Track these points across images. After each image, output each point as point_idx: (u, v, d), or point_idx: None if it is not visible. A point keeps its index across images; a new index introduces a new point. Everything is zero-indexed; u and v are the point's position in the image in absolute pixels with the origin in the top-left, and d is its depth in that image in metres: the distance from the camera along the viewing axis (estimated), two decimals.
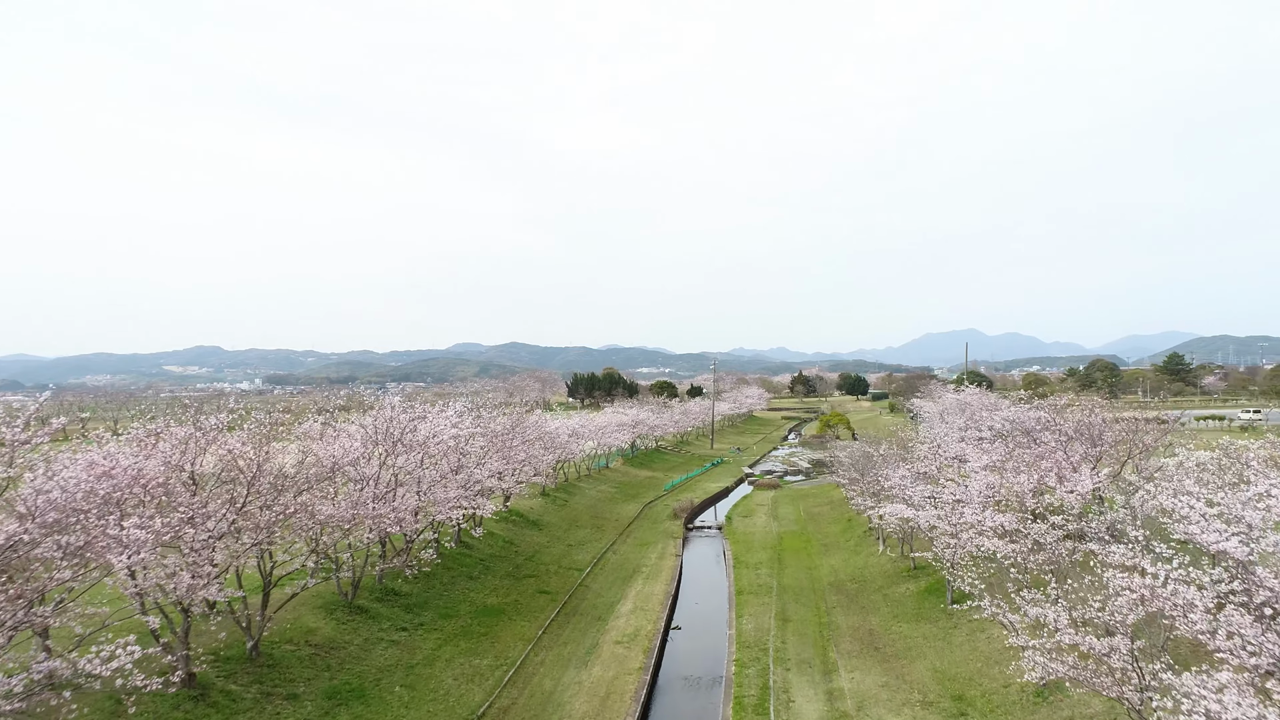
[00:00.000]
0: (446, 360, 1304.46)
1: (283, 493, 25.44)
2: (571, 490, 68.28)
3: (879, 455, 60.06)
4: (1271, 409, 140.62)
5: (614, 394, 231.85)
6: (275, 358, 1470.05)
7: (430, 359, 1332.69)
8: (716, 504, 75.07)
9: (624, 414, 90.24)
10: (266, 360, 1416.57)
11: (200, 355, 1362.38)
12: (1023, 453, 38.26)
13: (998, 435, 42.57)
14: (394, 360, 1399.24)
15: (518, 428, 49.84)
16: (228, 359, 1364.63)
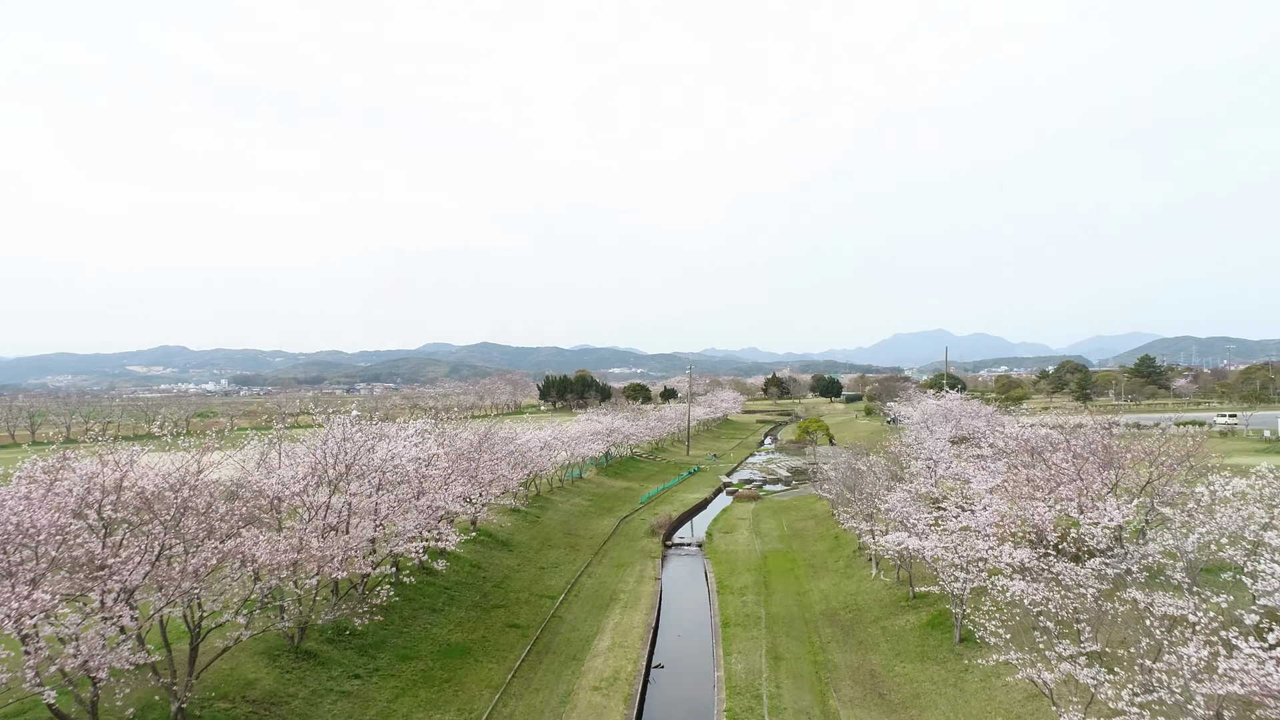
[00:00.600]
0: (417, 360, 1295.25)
1: (211, 535, 22.04)
2: (544, 504, 64.97)
3: (868, 469, 57.56)
4: (1244, 411, 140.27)
5: (586, 397, 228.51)
6: (242, 358, 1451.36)
7: (400, 359, 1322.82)
8: (696, 516, 72.11)
9: (598, 422, 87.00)
10: (233, 360, 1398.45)
11: (165, 355, 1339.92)
12: (1031, 474, 35.68)
13: (1000, 453, 39.89)
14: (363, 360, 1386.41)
15: (485, 443, 46.35)
16: (193, 359, 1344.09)
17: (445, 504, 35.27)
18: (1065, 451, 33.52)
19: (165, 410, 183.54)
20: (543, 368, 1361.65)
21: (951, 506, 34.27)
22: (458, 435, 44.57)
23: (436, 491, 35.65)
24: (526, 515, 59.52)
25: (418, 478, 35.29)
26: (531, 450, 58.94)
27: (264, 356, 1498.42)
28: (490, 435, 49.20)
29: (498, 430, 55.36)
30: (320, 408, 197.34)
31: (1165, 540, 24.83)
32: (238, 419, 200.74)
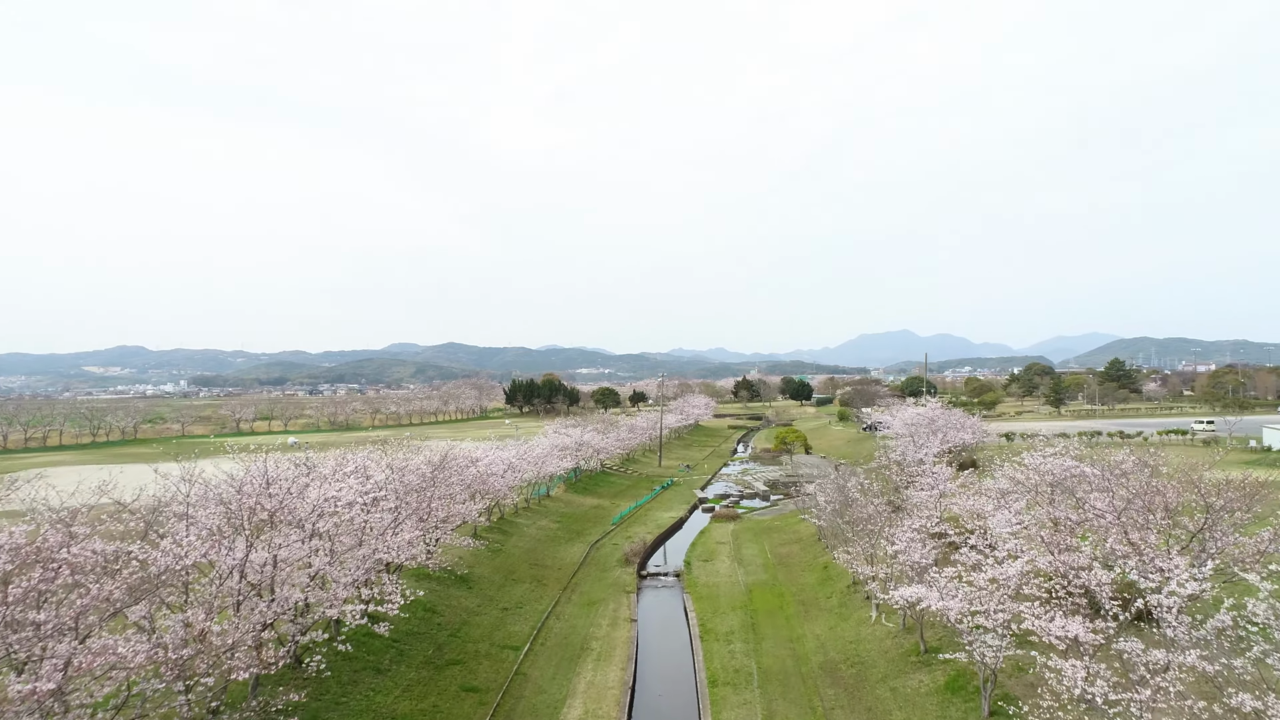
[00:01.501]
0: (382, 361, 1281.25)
1: (66, 632, 17.04)
2: (507, 528, 60.04)
3: (861, 494, 53.37)
4: (1220, 417, 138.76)
5: (554, 402, 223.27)
6: (202, 358, 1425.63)
7: (365, 359, 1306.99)
8: (672, 538, 67.60)
9: (566, 435, 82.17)
10: (193, 360, 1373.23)
11: (122, 355, 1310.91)
12: (1056, 513, 31.58)
13: (1016, 485, 35.76)
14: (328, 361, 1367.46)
15: (439, 474, 41.30)
16: (152, 359, 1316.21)
17: (391, 554, 30.18)
18: (1104, 492, 29.39)
19: (111, 417, 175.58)
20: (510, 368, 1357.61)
21: (968, 550, 30.06)
22: (407, 467, 39.20)
23: (380, 539, 30.53)
24: (489, 542, 54.48)
25: (359, 525, 30.20)
26: (494, 475, 53.93)
27: (225, 357, 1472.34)
28: (446, 464, 43.98)
29: (455, 454, 50.24)
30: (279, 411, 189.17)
31: (1259, 615, 20.66)
32: (190, 425, 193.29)
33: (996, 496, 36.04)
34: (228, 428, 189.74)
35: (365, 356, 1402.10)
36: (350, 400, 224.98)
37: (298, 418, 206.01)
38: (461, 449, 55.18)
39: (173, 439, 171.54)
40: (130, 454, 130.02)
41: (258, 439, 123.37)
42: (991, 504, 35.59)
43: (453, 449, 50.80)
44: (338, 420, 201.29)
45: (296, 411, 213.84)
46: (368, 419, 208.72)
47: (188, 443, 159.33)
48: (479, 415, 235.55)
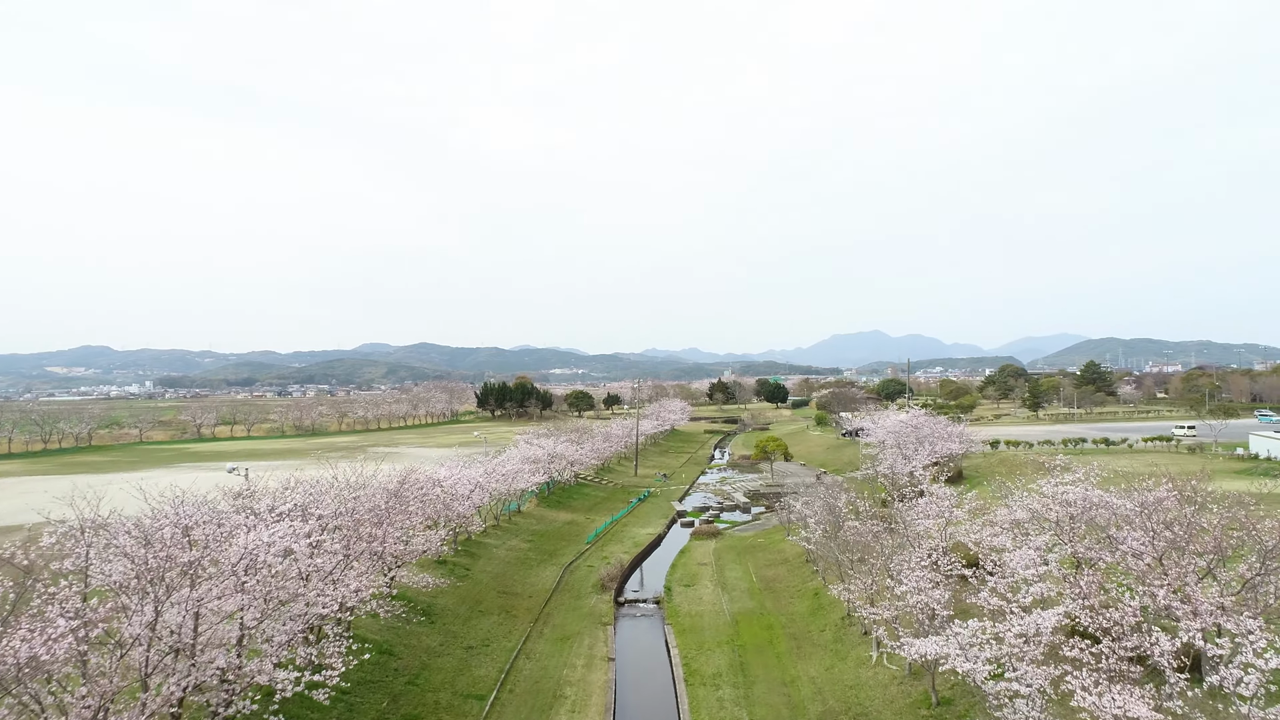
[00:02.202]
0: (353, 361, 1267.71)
1: None
2: (475, 550, 56.10)
3: (848, 509, 50.16)
4: (1202, 421, 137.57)
5: (527, 405, 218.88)
6: (169, 358, 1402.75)
7: (336, 360, 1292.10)
8: (650, 557, 64.04)
9: (538, 447, 78.24)
10: (160, 361, 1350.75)
11: (87, 356, 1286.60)
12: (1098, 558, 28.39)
13: (1035, 517, 32.50)
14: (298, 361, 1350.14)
15: (396, 503, 37.27)
16: (117, 359, 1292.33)
17: (333, 607, 26.11)
18: (1142, 530, 26.16)
19: (66, 423, 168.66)
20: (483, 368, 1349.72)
21: (988, 594, 26.79)
22: (359, 496, 35.04)
23: (324, 585, 26.53)
24: (454, 567, 50.59)
25: (299, 572, 26.19)
26: (459, 498, 49.90)
27: (192, 357, 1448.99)
28: (404, 492, 39.84)
29: (416, 476, 46.16)
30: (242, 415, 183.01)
31: None
32: (149, 430, 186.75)
33: (1011, 527, 32.82)
34: (188, 433, 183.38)
35: (336, 357, 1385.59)
36: (316, 404, 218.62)
37: (262, 422, 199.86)
38: (424, 471, 51.05)
39: (130, 445, 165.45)
40: (82, 463, 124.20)
41: (190, 474, 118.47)
42: (1008, 537, 32.37)
43: (413, 472, 46.59)
44: (303, 425, 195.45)
45: (261, 416, 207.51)
46: (334, 424, 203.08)
47: (145, 450, 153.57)
48: (450, 419, 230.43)
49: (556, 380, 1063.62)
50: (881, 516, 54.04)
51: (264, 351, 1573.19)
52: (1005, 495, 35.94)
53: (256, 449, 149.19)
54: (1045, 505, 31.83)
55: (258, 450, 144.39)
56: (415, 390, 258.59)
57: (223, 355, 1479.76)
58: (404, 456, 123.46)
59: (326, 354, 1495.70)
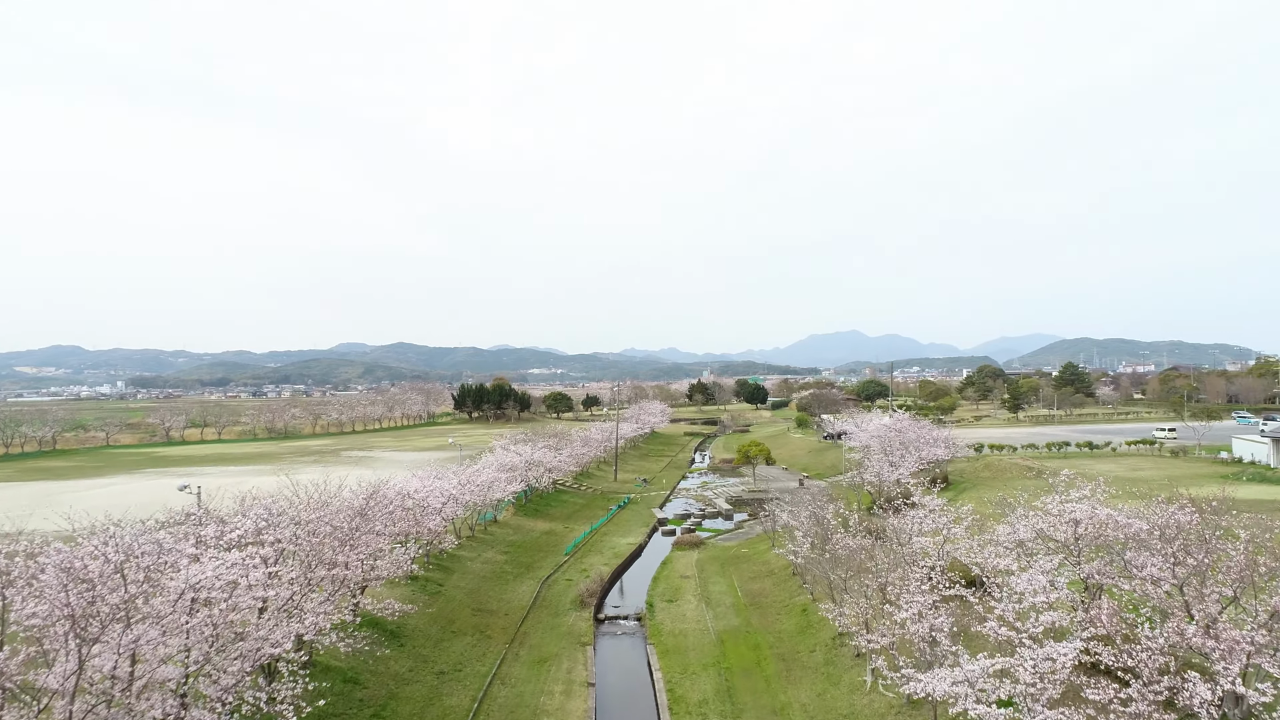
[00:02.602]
0: (330, 361, 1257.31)
1: None
2: (448, 564, 53.73)
3: (835, 519, 48.43)
4: (1180, 423, 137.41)
5: (504, 407, 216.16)
6: (142, 358, 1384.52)
7: (312, 360, 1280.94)
8: (631, 568, 62.03)
9: (515, 454, 75.91)
10: (132, 361, 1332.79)
11: (58, 355, 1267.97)
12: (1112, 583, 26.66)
13: (1040, 538, 30.72)
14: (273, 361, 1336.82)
15: (364, 518, 34.88)
16: (89, 359, 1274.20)
17: (285, 644, 23.73)
18: (1164, 557, 24.39)
19: (29, 426, 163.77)
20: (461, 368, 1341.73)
21: (995, 623, 24.95)
22: (320, 518, 32.53)
23: (276, 623, 24.20)
24: (426, 584, 48.26)
25: (249, 605, 23.83)
26: (431, 512, 47.54)
27: (166, 357, 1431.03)
28: (370, 510, 37.38)
29: (385, 491, 43.77)
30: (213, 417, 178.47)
31: None
32: (117, 434, 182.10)
33: (1015, 547, 31.03)
34: (157, 436, 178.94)
35: (312, 357, 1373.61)
36: (289, 406, 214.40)
37: (233, 424, 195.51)
38: (394, 484, 48.67)
39: (96, 449, 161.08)
40: (43, 469, 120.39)
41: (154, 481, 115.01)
42: (1010, 557, 30.58)
43: (382, 486, 44.23)
44: (276, 428, 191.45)
45: (232, 418, 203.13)
46: (308, 426, 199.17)
47: (110, 454, 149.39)
48: (426, 421, 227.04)
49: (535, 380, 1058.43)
50: (871, 529, 52.36)
51: (239, 351, 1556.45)
52: (1006, 511, 34.06)
53: (226, 453, 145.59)
54: (1052, 524, 30.06)
55: (227, 454, 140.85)
56: (391, 392, 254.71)
57: (197, 355, 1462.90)
58: (377, 461, 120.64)
59: (303, 354, 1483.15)
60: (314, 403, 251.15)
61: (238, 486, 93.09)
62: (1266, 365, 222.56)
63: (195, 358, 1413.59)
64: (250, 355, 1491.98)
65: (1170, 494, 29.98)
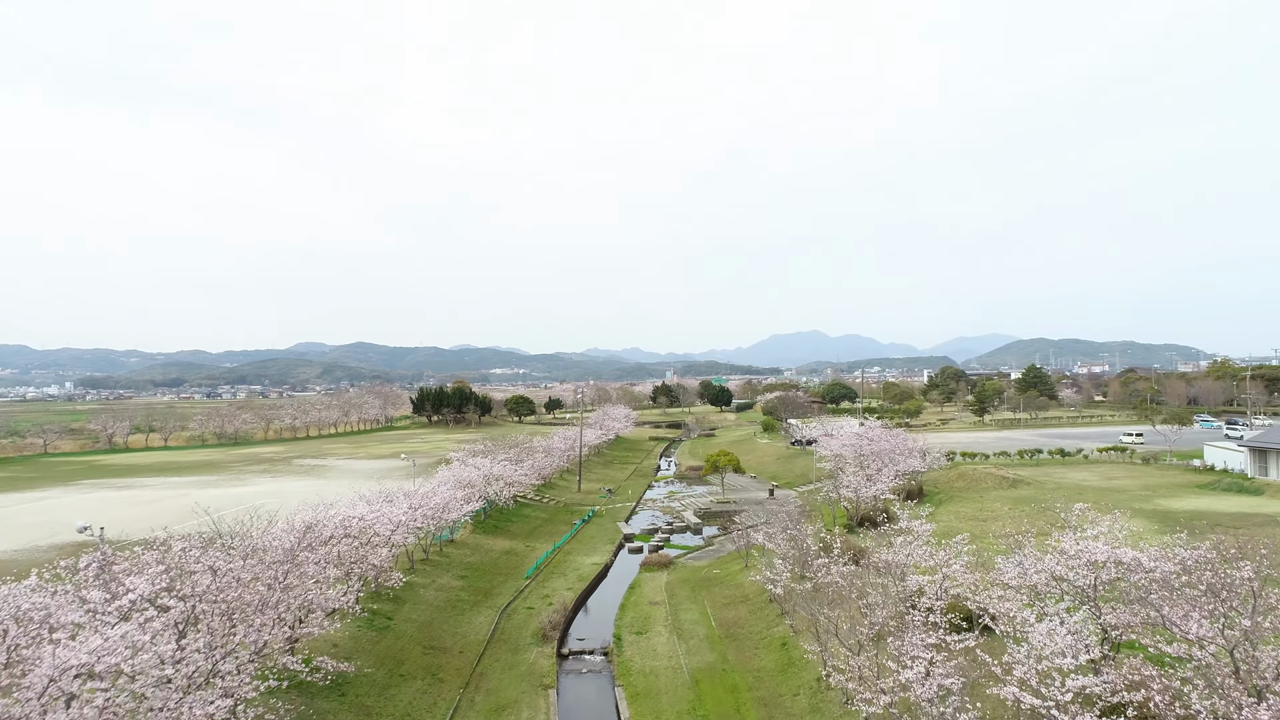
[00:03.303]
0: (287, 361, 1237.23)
1: None
2: (399, 593, 49.48)
3: (811, 542, 45.47)
4: (1144, 427, 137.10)
5: (465, 411, 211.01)
6: (92, 358, 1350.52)
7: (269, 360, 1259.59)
8: (597, 591, 58.45)
9: (474, 469, 71.79)
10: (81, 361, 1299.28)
11: (3, 355, 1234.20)
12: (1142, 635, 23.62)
13: (1057, 578, 27.63)
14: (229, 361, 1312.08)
15: (295, 565, 30.74)
16: (36, 359, 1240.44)
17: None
18: (1205, 611, 21.34)
19: None
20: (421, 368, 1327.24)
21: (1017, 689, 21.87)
22: (242, 565, 28.25)
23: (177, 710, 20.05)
24: (373, 618, 44.13)
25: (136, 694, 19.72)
26: (378, 541, 43.41)
27: (117, 357, 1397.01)
28: (307, 545, 33.22)
29: (324, 525, 39.56)
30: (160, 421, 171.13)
31: None
32: (56, 440, 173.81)
33: (1026, 591, 27.94)
34: (100, 443, 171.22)
35: (269, 357, 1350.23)
36: (240, 410, 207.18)
37: (181, 429, 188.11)
38: (337, 511, 44.43)
39: (33, 457, 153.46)
40: None
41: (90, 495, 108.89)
42: (1021, 601, 27.49)
43: (320, 519, 39.98)
44: (226, 433, 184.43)
45: (180, 422, 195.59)
46: (260, 431, 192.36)
47: (48, 463, 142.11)
48: (384, 425, 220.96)
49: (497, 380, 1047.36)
50: (852, 549, 49.33)
51: (193, 351, 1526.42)
52: (1015, 548, 30.96)
53: (171, 461, 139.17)
54: (1068, 567, 26.97)
55: (172, 463, 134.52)
56: (347, 395, 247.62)
57: (149, 355, 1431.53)
58: (330, 470, 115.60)
59: (259, 354, 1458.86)
60: (267, 406, 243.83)
61: (180, 500, 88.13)
62: (1224, 368, 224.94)
63: (148, 358, 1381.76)
64: (205, 355, 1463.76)
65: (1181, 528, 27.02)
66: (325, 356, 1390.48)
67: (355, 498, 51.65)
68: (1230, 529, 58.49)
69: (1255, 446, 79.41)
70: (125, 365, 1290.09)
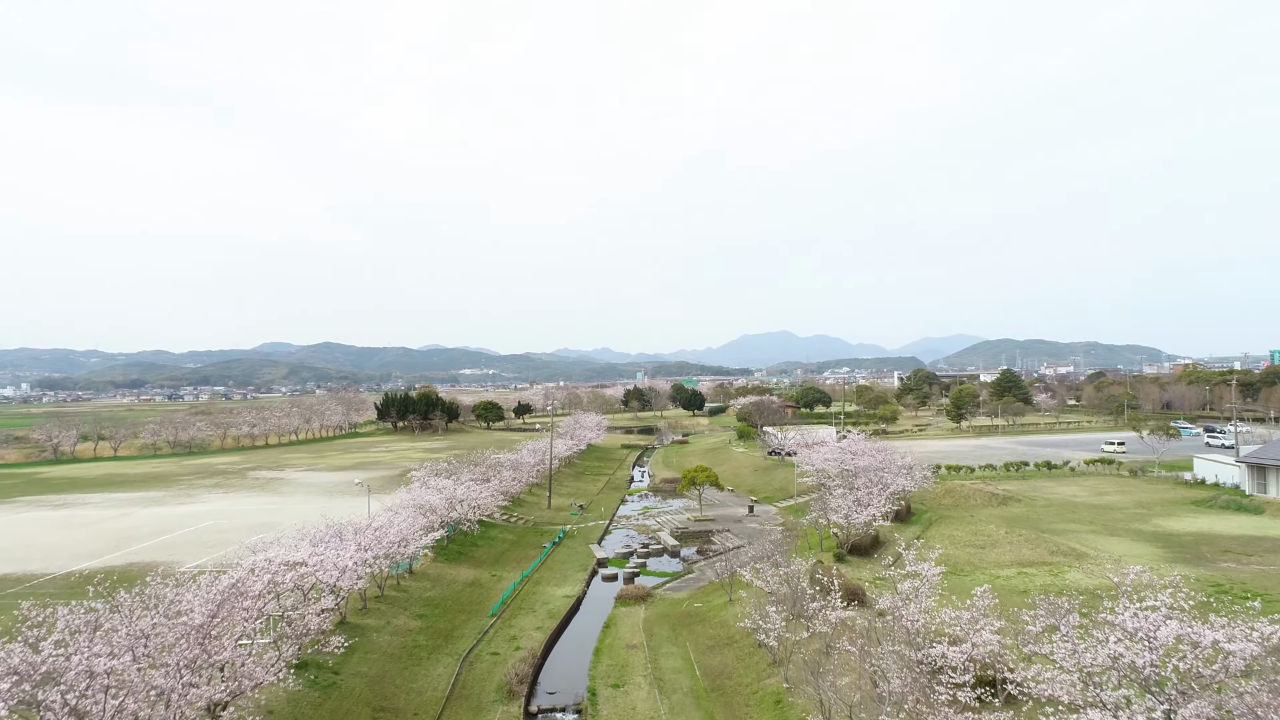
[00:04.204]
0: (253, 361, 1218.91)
1: None
2: (350, 634, 44.43)
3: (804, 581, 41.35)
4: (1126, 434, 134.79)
5: (431, 417, 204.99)
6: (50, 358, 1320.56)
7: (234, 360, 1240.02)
8: (570, 624, 53.89)
9: (436, 492, 66.63)
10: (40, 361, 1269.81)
11: None
12: None
13: (1115, 661, 23.46)
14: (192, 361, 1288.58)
15: (208, 640, 25.77)
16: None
17: None
18: None
19: None
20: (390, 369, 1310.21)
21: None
22: (148, 639, 23.14)
23: None
24: (317, 674, 39.17)
25: None
26: (322, 580, 38.39)
27: (77, 357, 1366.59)
28: (227, 610, 28.11)
29: (257, 573, 34.48)
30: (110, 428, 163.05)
31: None
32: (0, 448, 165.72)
33: (1078, 674, 23.74)
34: (46, 453, 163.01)
35: (234, 357, 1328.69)
36: (196, 419, 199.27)
37: (133, 437, 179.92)
38: (274, 555, 39.35)
39: None
40: None
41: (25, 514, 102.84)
42: (1074, 681, 23.32)
43: (249, 572, 34.89)
44: (181, 441, 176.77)
45: (132, 430, 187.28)
46: (217, 440, 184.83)
47: None
48: (347, 433, 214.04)
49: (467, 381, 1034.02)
50: (849, 589, 45.23)
51: (155, 351, 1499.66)
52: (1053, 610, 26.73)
53: (119, 473, 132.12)
54: (1128, 647, 22.77)
55: (119, 476, 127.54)
56: (309, 402, 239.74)
57: (110, 355, 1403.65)
58: (286, 484, 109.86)
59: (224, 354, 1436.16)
60: (224, 412, 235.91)
61: (119, 522, 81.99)
62: (1196, 372, 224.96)
63: (109, 358, 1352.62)
64: (168, 355, 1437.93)
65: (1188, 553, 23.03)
66: (292, 357, 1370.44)
67: (298, 535, 46.33)
68: (1239, 554, 55.39)
69: (1254, 463, 76.57)
70: (85, 366, 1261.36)
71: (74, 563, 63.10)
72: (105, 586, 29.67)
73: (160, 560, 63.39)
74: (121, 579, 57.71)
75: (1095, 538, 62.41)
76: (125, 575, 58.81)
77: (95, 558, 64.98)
